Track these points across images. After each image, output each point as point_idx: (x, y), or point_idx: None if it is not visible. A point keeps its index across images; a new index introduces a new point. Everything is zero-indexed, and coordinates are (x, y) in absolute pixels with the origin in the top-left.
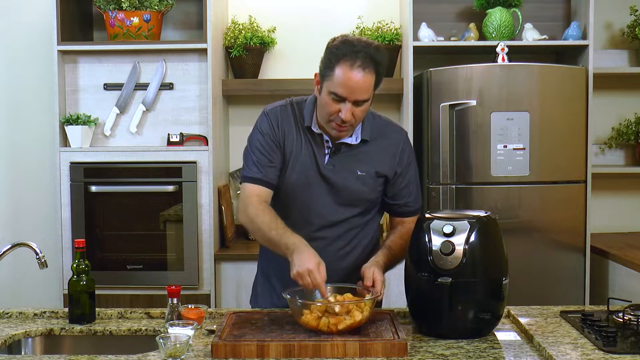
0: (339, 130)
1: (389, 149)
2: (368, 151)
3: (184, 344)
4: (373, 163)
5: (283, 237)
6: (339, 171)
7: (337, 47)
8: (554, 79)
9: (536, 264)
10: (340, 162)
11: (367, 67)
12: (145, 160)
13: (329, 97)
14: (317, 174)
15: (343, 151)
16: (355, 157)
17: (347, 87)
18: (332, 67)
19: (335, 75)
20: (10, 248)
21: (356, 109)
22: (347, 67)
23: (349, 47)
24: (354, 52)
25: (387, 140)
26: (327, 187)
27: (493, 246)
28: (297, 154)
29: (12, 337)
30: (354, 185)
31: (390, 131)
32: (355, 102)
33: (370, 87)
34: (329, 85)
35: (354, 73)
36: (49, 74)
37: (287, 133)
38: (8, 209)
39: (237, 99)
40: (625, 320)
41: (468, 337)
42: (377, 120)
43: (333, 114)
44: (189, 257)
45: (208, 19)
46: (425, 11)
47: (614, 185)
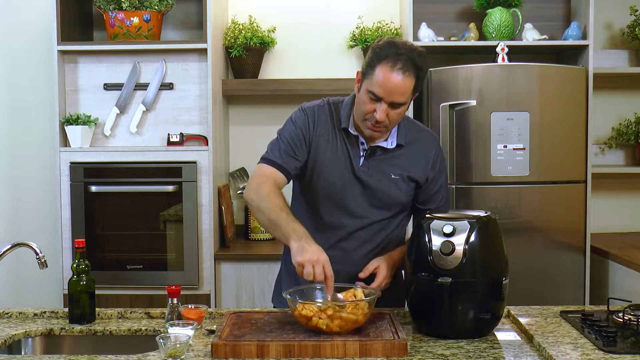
0: (372, 130)
1: (423, 154)
2: (402, 155)
3: (184, 344)
4: (406, 167)
5: (291, 222)
6: (373, 174)
7: (381, 47)
8: (554, 79)
9: (536, 264)
10: (375, 165)
11: (408, 71)
12: (145, 160)
13: (366, 96)
14: (351, 175)
15: (378, 154)
16: (389, 161)
17: (385, 88)
18: (373, 66)
19: (375, 74)
20: (10, 248)
21: (391, 112)
22: (387, 68)
23: (392, 49)
24: (397, 54)
25: (420, 145)
26: (361, 188)
27: (493, 246)
28: (332, 154)
29: (12, 337)
30: (387, 188)
31: (424, 136)
32: (391, 104)
33: (408, 91)
34: (367, 84)
35: (394, 75)
36: (49, 74)
37: (321, 133)
38: (8, 209)
39: (237, 99)
40: (625, 320)
41: (468, 337)
42: (411, 124)
43: (368, 113)
44: (189, 257)
45: (208, 19)
46: (425, 11)
47: (614, 185)
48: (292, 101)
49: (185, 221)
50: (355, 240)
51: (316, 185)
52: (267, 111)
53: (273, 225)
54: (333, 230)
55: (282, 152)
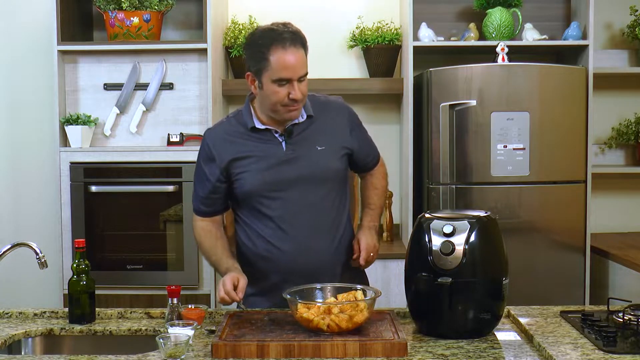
0: (292, 111)
1: (337, 120)
2: (319, 127)
3: (184, 344)
4: (330, 138)
5: (220, 262)
6: (300, 152)
7: (261, 37)
8: (554, 79)
9: (536, 264)
10: (298, 143)
11: (297, 43)
12: (145, 160)
13: (273, 86)
14: (282, 164)
15: (295, 133)
16: (309, 135)
17: (288, 69)
18: (265, 57)
19: (271, 63)
20: (10, 248)
21: (301, 86)
22: (280, 51)
23: (272, 34)
24: (280, 34)
25: (332, 113)
26: (295, 171)
27: (493, 246)
28: (253, 157)
29: (12, 337)
30: (317, 160)
31: (331, 104)
32: (299, 79)
33: (305, 61)
34: (269, 75)
35: (289, 53)
36: (49, 74)
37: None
38: (8, 209)
39: (237, 99)
40: (625, 320)
41: (468, 337)
42: (315, 98)
43: (283, 99)
44: (189, 257)
45: (208, 19)
46: (425, 11)
47: (614, 185)
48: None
49: (185, 221)
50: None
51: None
52: None
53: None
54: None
55: (198, 198)
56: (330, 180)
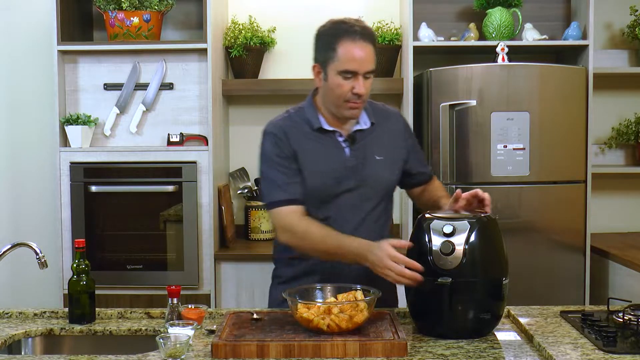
0: (354, 108)
1: (394, 130)
2: (378, 135)
3: (184, 344)
4: (387, 148)
5: (343, 244)
6: (361, 160)
7: (332, 28)
8: (554, 79)
9: (536, 264)
10: (360, 150)
11: (367, 39)
12: (145, 160)
13: (338, 78)
14: (343, 170)
15: (359, 140)
16: (370, 143)
17: (355, 61)
18: (334, 48)
19: (339, 54)
20: (10, 248)
21: (366, 82)
22: (349, 42)
23: (344, 26)
24: (351, 27)
25: (389, 122)
26: (355, 180)
27: (493, 246)
28: (319, 159)
29: (12, 337)
30: (376, 170)
31: (389, 113)
32: (365, 74)
33: (373, 57)
34: (336, 67)
35: (358, 45)
36: (49, 74)
37: (297, 143)
38: (8, 209)
39: (237, 99)
40: (625, 320)
41: (468, 337)
42: (374, 105)
43: (347, 93)
44: (189, 257)
45: (208, 19)
46: (425, 11)
47: (614, 185)
48: (292, 101)
49: (185, 221)
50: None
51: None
52: (267, 111)
53: (329, 255)
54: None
55: (281, 188)
56: (382, 191)
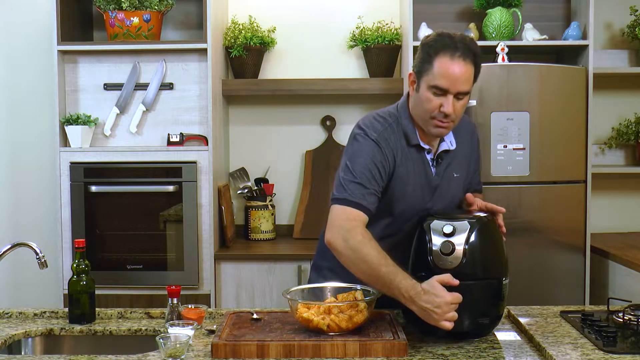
0: (440, 128)
1: (467, 145)
2: (458, 153)
3: (184, 344)
4: (463, 165)
5: (396, 279)
6: (443, 180)
7: (435, 40)
8: (554, 79)
9: (536, 264)
10: (443, 170)
11: (467, 58)
12: (145, 160)
13: (429, 92)
14: (430, 189)
15: (445, 159)
16: (452, 162)
17: (448, 78)
18: (430, 60)
19: (434, 68)
20: (10, 248)
21: (457, 103)
22: (447, 58)
23: (446, 40)
24: (453, 43)
25: (464, 135)
26: (437, 199)
27: (493, 246)
28: (410, 177)
29: (12, 337)
30: (454, 188)
31: (466, 128)
32: (457, 94)
33: (470, 78)
34: (428, 80)
35: (455, 63)
36: (49, 74)
37: (397, 157)
38: (8, 209)
39: (237, 99)
40: (625, 320)
41: (468, 337)
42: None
43: (434, 109)
44: (189, 257)
45: (208, 19)
46: (425, 11)
47: (614, 185)
48: (292, 101)
49: (185, 221)
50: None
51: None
52: (267, 111)
53: (375, 282)
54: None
55: (362, 191)
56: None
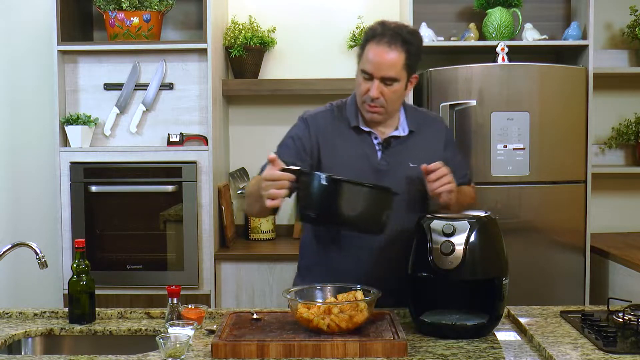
0: (371, 112)
1: (434, 139)
2: (416, 143)
3: (184, 344)
4: (424, 156)
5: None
6: (392, 166)
7: (370, 27)
8: (554, 79)
9: (536, 264)
10: (393, 157)
11: (394, 44)
12: (145, 160)
13: (360, 77)
14: (372, 172)
15: (394, 145)
16: (405, 150)
17: (373, 63)
18: (363, 46)
19: (364, 53)
20: (10, 248)
21: (385, 89)
22: (374, 44)
23: (380, 27)
24: (383, 30)
25: (430, 130)
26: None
27: (493, 246)
28: (347, 156)
29: (12, 337)
30: (407, 177)
31: (431, 120)
32: (382, 79)
33: (397, 65)
34: (360, 65)
35: (380, 49)
36: (49, 74)
37: (329, 138)
38: (8, 209)
39: (237, 99)
40: (625, 320)
41: (468, 337)
42: (417, 111)
43: (364, 93)
44: (189, 257)
45: (208, 19)
46: (425, 11)
47: (614, 185)
48: (292, 101)
49: (185, 221)
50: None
51: None
52: (267, 111)
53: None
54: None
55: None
56: (414, 198)
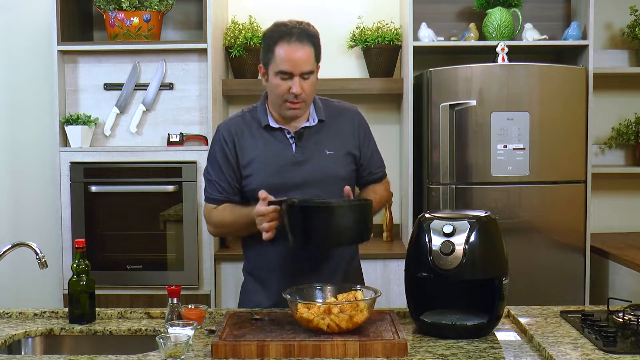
0: (294, 109)
1: (346, 126)
2: (329, 131)
3: (184, 344)
4: (338, 142)
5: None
6: (308, 155)
7: (272, 30)
8: (554, 79)
9: (536, 264)
10: (307, 146)
11: (304, 41)
12: (145, 160)
13: (276, 78)
14: (289, 165)
15: (306, 136)
16: (319, 139)
17: (289, 62)
18: (271, 49)
19: (276, 55)
20: (10, 248)
21: (304, 83)
22: (285, 44)
23: (282, 28)
24: (288, 30)
25: (342, 118)
26: (302, 175)
27: (493, 246)
28: (262, 155)
29: (12, 337)
30: (325, 164)
31: (344, 110)
32: (301, 75)
33: (311, 59)
34: (273, 68)
35: (292, 47)
36: (49, 74)
37: (244, 141)
38: (8, 209)
39: (237, 99)
40: (625, 320)
41: (468, 337)
42: (329, 103)
43: (285, 92)
44: (189, 257)
45: (208, 19)
46: (425, 11)
47: (614, 185)
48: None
49: (185, 221)
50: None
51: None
52: None
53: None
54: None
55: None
56: (336, 185)
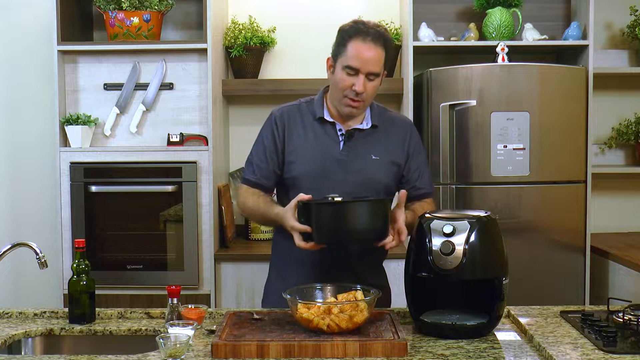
0: (352, 106)
1: (398, 136)
2: (379, 137)
3: (184, 344)
4: (386, 150)
5: (266, 213)
6: (353, 156)
7: (349, 26)
8: (554, 79)
9: (536, 264)
10: (355, 148)
11: (378, 42)
12: (145, 160)
13: (343, 73)
14: (333, 161)
15: (356, 137)
16: (368, 143)
17: (360, 59)
18: (345, 44)
19: (348, 50)
20: (10, 248)
21: (368, 84)
22: (359, 41)
23: (360, 26)
24: (366, 29)
25: (395, 128)
26: (343, 174)
27: (493, 246)
28: (309, 145)
29: (12, 337)
30: (368, 168)
31: (398, 120)
32: (367, 74)
33: (380, 61)
34: (342, 61)
35: (366, 46)
36: (49, 74)
37: (294, 129)
38: (8, 209)
39: (237, 99)
40: (625, 320)
41: (468, 337)
42: (384, 110)
43: (347, 88)
44: (189, 257)
45: (208, 19)
46: (425, 11)
47: (614, 185)
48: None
49: (185, 221)
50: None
51: (298, 179)
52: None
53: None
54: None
55: (250, 168)
56: (374, 190)
